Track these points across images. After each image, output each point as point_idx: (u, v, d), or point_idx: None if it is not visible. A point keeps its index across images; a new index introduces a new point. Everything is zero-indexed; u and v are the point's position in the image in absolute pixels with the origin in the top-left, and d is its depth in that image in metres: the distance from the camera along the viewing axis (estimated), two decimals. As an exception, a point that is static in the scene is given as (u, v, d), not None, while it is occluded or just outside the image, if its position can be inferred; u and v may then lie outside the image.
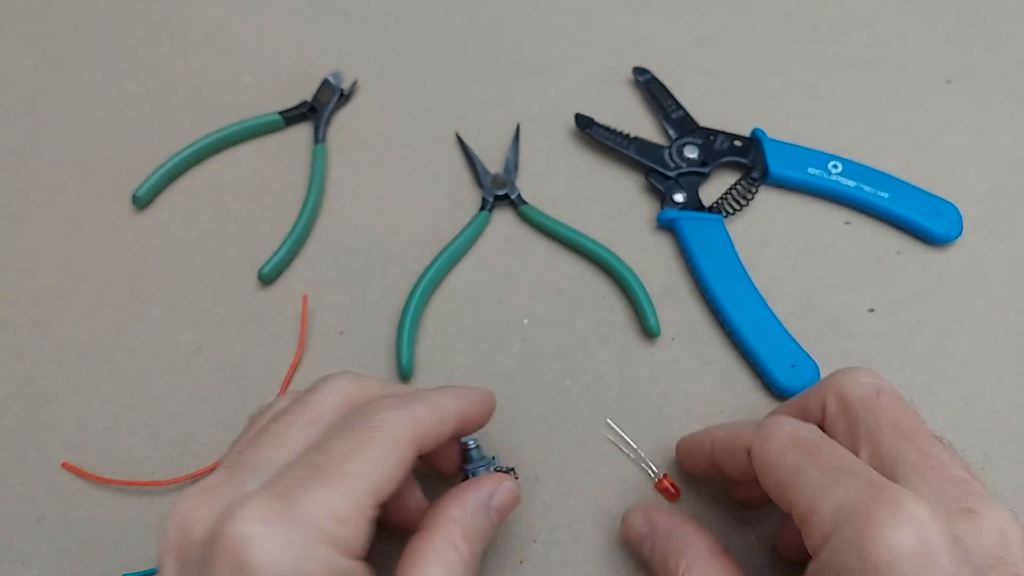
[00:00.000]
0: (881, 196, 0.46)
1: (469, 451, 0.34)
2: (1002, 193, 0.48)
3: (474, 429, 0.32)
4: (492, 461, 0.35)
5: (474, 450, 0.34)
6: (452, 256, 0.44)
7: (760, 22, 0.55)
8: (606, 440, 0.40)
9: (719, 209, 0.46)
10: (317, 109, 0.50)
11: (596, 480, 0.39)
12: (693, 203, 0.46)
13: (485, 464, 0.34)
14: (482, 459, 0.34)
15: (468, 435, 0.34)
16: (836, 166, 0.47)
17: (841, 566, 0.23)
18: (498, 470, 0.34)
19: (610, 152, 0.49)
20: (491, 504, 0.30)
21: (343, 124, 0.50)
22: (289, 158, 0.49)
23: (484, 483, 0.31)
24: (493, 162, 0.49)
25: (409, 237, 0.46)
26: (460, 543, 0.28)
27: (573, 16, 0.55)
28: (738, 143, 0.48)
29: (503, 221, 0.47)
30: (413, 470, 0.29)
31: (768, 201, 0.47)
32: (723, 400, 0.41)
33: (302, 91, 0.51)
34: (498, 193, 0.47)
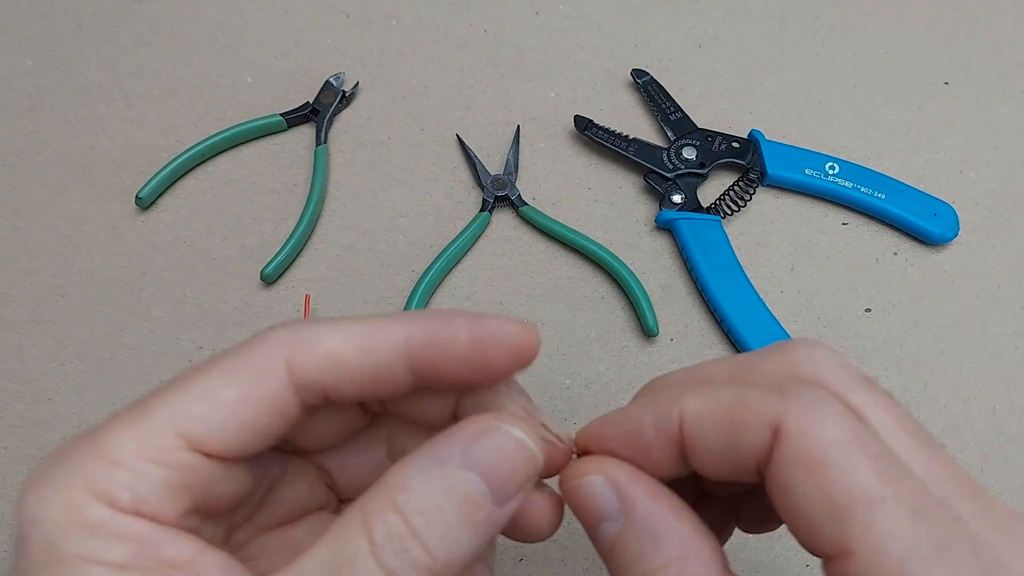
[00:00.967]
0: (878, 197, 0.46)
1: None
2: (999, 194, 0.48)
3: (480, 378, 0.20)
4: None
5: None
6: (453, 256, 0.45)
7: (758, 25, 0.56)
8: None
9: (717, 210, 0.46)
10: (319, 110, 0.50)
11: (595, 479, 0.39)
12: (691, 204, 0.46)
13: None
14: None
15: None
16: (833, 167, 0.47)
17: None
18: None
19: (609, 153, 0.49)
20: (461, 466, 0.18)
21: (344, 125, 0.51)
22: (291, 159, 0.49)
23: (456, 431, 0.19)
24: (493, 163, 0.49)
25: (410, 237, 0.46)
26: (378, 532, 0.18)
27: (573, 18, 0.55)
28: (736, 144, 0.48)
29: (503, 222, 0.47)
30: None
31: (766, 202, 0.48)
32: (721, 399, 0.41)
33: (304, 93, 0.51)
34: (498, 194, 0.47)
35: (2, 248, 0.46)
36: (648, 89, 0.51)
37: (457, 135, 0.50)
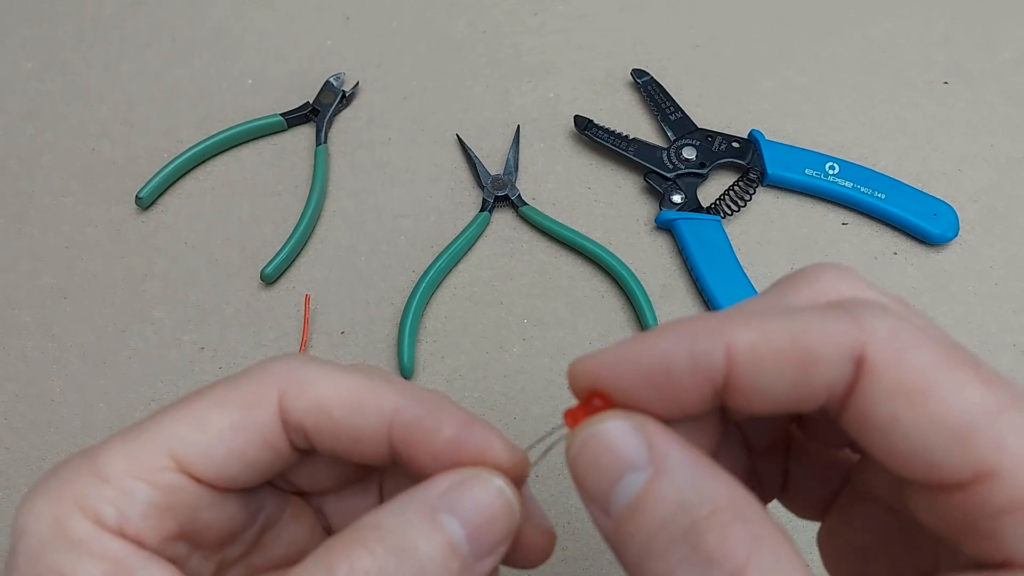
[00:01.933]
0: (878, 197, 0.46)
1: None
2: (998, 193, 0.48)
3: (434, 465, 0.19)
4: None
5: None
6: (453, 257, 0.45)
7: (757, 24, 0.56)
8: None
9: (717, 210, 0.47)
10: (319, 111, 0.50)
11: (596, 478, 0.39)
12: (691, 204, 0.47)
13: None
14: None
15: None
16: (833, 167, 0.47)
17: None
18: None
19: (609, 153, 0.49)
20: (438, 509, 0.18)
21: (344, 126, 0.51)
22: (291, 159, 0.49)
23: (437, 479, 0.19)
24: (493, 163, 0.49)
25: (410, 238, 0.46)
26: None
27: (572, 18, 0.55)
28: (736, 144, 0.48)
29: (503, 222, 0.47)
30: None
31: (766, 202, 0.48)
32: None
33: (304, 93, 0.51)
34: (498, 194, 0.47)
35: (5, 251, 0.46)
36: (648, 89, 0.51)
37: (457, 135, 0.50)
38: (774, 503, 0.23)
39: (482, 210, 0.47)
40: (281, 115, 0.50)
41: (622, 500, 0.17)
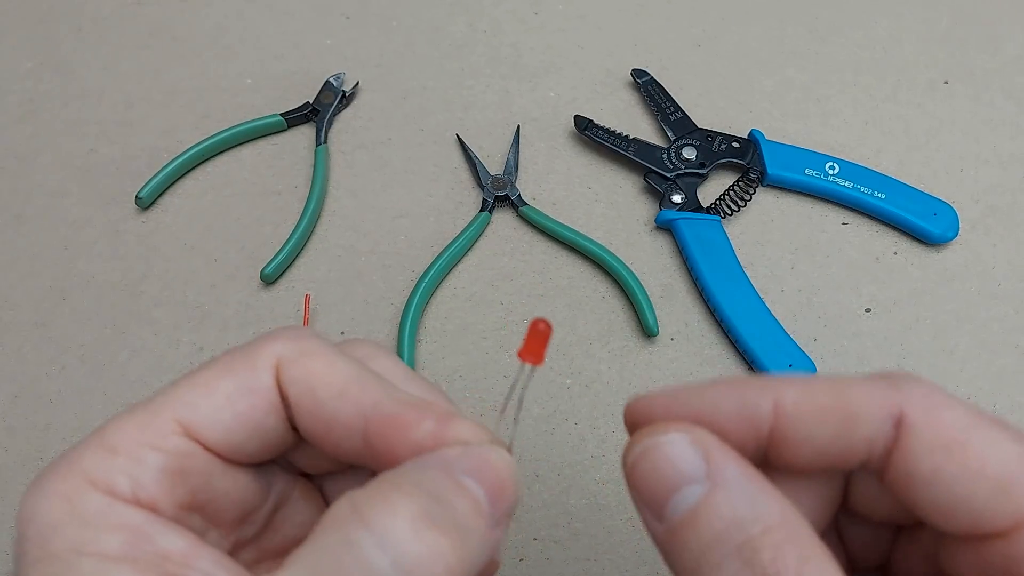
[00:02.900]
0: (878, 197, 0.46)
1: None
2: (999, 193, 0.48)
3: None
4: None
5: None
6: (453, 257, 0.45)
7: (758, 24, 0.56)
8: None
9: (717, 210, 0.46)
10: (319, 111, 0.50)
11: (595, 479, 0.39)
12: (691, 204, 0.46)
13: None
14: None
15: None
16: (833, 167, 0.47)
17: None
18: None
19: (609, 153, 0.49)
20: (458, 470, 0.18)
21: (344, 126, 0.51)
22: (291, 159, 0.49)
23: (447, 448, 0.19)
24: (493, 163, 0.49)
25: (410, 238, 0.46)
26: (366, 541, 0.16)
27: (572, 18, 0.55)
28: (736, 144, 0.48)
29: (503, 222, 0.47)
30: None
31: (766, 202, 0.48)
32: (722, 399, 0.41)
33: (304, 93, 0.51)
34: (498, 194, 0.47)
35: (3, 251, 0.46)
36: (648, 89, 0.51)
37: (457, 135, 0.50)
38: None
39: (482, 210, 0.47)
40: (281, 115, 0.50)
41: (678, 510, 0.17)
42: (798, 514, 0.17)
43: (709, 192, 0.48)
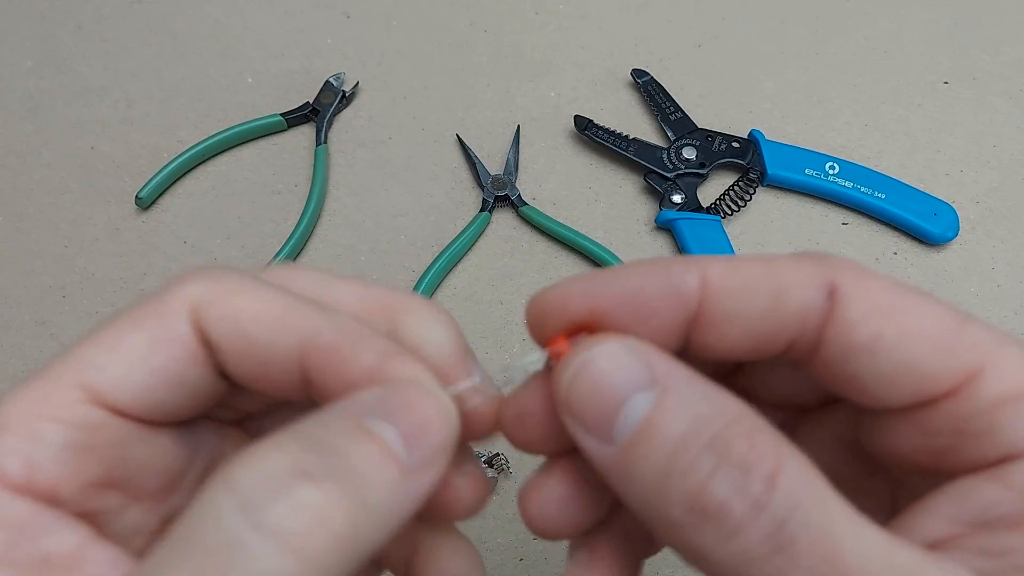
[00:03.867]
0: (878, 197, 0.46)
1: None
2: (999, 193, 0.48)
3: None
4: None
5: None
6: (453, 256, 0.45)
7: (758, 24, 0.55)
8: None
9: (717, 210, 0.46)
10: (319, 110, 0.50)
11: (595, 478, 0.39)
12: (691, 204, 0.46)
13: None
14: None
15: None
16: (833, 167, 0.47)
17: None
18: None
19: (609, 153, 0.49)
20: (363, 414, 0.16)
21: (345, 125, 0.51)
22: (291, 159, 0.49)
23: (363, 391, 0.16)
24: (493, 163, 0.49)
25: (410, 237, 0.46)
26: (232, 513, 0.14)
27: (573, 18, 0.55)
28: (736, 144, 0.48)
29: (503, 222, 0.47)
30: None
31: (766, 202, 0.48)
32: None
33: (304, 93, 0.51)
34: (498, 194, 0.47)
35: (3, 249, 0.46)
36: (648, 89, 0.51)
37: (457, 135, 0.50)
38: None
39: (482, 210, 0.47)
40: (281, 115, 0.50)
41: (628, 425, 0.16)
42: (750, 406, 0.16)
43: (709, 192, 0.48)
